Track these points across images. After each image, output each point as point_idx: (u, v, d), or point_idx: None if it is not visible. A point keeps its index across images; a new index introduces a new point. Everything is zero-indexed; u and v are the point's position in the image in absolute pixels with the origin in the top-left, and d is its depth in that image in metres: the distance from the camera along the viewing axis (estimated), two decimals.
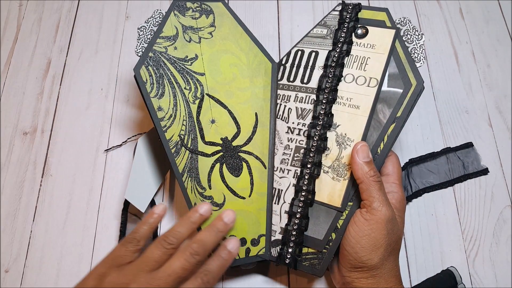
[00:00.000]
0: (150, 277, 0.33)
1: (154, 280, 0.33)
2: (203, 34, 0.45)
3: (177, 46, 0.44)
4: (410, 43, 0.43)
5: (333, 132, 0.41)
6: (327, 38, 0.44)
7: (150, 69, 0.43)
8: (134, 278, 0.33)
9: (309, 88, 0.44)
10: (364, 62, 0.42)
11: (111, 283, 0.33)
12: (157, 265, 0.34)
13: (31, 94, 0.55)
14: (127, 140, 0.51)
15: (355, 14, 0.44)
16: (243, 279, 0.45)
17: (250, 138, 0.44)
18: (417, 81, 0.40)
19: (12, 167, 0.51)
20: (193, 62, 0.44)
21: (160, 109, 0.42)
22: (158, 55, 0.43)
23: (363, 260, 0.37)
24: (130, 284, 0.32)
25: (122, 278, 0.33)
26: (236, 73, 0.45)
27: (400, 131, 0.40)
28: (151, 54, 0.43)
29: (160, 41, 0.44)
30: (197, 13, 0.46)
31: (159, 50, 0.44)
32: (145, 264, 0.34)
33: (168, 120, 0.42)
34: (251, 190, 0.43)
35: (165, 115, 0.42)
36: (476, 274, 0.45)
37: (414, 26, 0.44)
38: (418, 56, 0.42)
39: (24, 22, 0.60)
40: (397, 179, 0.41)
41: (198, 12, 0.46)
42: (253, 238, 0.41)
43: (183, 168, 0.41)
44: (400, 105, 0.40)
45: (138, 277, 0.33)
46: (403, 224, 0.40)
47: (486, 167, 0.50)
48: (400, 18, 0.44)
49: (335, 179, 0.40)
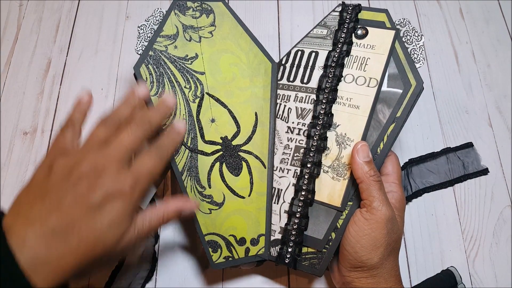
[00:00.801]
0: (100, 153, 0.32)
1: (104, 156, 0.32)
2: (203, 34, 0.45)
3: (177, 45, 0.44)
4: (409, 44, 0.43)
5: (333, 132, 0.41)
6: (327, 39, 0.45)
7: (150, 67, 0.43)
8: (83, 157, 0.32)
9: (309, 88, 0.44)
10: (364, 63, 0.42)
11: (61, 167, 0.31)
12: (104, 144, 0.33)
13: (31, 94, 0.55)
14: None
15: (355, 15, 0.44)
16: (242, 279, 0.45)
17: (250, 137, 0.44)
18: (416, 82, 0.40)
19: (12, 167, 0.51)
20: (193, 61, 0.44)
21: None
22: (158, 54, 0.43)
23: (363, 259, 0.37)
24: (80, 163, 0.31)
25: (71, 160, 0.32)
26: (236, 73, 0.45)
27: (399, 131, 0.40)
28: (151, 53, 0.43)
29: (160, 40, 0.44)
30: (198, 12, 0.46)
31: (159, 48, 0.44)
32: (92, 144, 0.33)
33: (167, 118, 0.42)
34: (250, 190, 0.43)
35: None
36: (476, 274, 0.45)
37: (414, 27, 0.44)
38: (417, 57, 0.43)
39: (24, 22, 0.60)
40: (396, 179, 0.41)
41: (198, 12, 0.46)
42: (252, 237, 0.41)
43: (182, 167, 0.41)
44: (400, 105, 0.40)
45: (88, 155, 0.32)
46: (403, 224, 0.40)
47: (486, 167, 0.50)
48: (400, 19, 0.45)
49: (335, 178, 0.40)
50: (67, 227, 0.29)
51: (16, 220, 0.29)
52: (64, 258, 0.29)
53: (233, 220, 0.41)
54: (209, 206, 0.41)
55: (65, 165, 0.32)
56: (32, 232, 0.29)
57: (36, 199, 0.30)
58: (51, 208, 0.30)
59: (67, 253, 0.29)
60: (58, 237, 0.29)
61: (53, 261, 0.29)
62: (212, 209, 0.41)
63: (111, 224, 0.31)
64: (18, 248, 0.28)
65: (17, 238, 0.28)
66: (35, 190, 0.31)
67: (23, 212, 0.30)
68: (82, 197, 0.30)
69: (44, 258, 0.28)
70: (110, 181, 0.31)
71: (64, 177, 0.31)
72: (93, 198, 0.30)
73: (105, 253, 0.31)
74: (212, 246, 0.41)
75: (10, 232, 0.29)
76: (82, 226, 0.30)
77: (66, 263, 0.29)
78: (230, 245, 0.41)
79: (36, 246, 0.28)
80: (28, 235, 0.29)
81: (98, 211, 0.30)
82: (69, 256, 0.29)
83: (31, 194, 0.31)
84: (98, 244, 0.30)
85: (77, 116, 0.36)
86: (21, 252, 0.28)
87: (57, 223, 0.29)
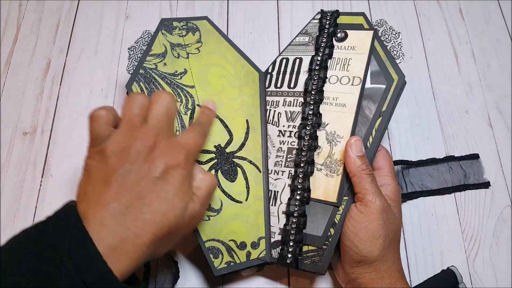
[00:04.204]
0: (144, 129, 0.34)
1: (149, 131, 0.34)
2: (190, 50, 0.47)
3: (166, 62, 0.46)
4: (388, 42, 0.46)
5: (323, 131, 0.43)
6: (309, 45, 0.47)
7: (141, 84, 0.44)
8: (131, 136, 0.33)
9: (296, 92, 0.45)
10: (347, 63, 0.44)
11: (114, 150, 0.32)
12: (144, 120, 0.34)
13: (31, 94, 0.55)
14: None
15: (334, 20, 0.46)
16: (243, 281, 0.45)
17: (243, 144, 0.45)
18: (398, 76, 0.42)
19: (12, 167, 0.51)
20: (183, 76, 0.46)
21: None
22: (149, 72, 0.45)
23: (364, 253, 0.37)
24: (131, 142, 0.32)
25: (120, 142, 0.33)
26: (224, 84, 0.46)
27: (387, 124, 0.42)
28: (142, 71, 0.45)
29: (149, 59, 0.46)
30: (184, 31, 0.48)
31: (149, 67, 0.45)
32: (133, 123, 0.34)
33: None
34: (247, 194, 0.43)
35: None
36: (476, 274, 0.45)
37: (391, 26, 0.46)
38: (397, 53, 0.45)
39: (24, 22, 0.60)
40: (389, 172, 0.42)
41: (184, 30, 0.48)
42: (253, 241, 0.42)
43: None
44: (385, 100, 0.42)
45: (134, 134, 0.33)
46: (401, 215, 0.41)
47: (488, 181, 0.49)
48: (377, 20, 0.47)
49: (328, 175, 0.41)
50: (139, 202, 0.30)
51: (88, 207, 0.30)
52: (141, 234, 0.30)
53: (232, 225, 0.42)
54: (208, 213, 0.42)
55: (117, 147, 0.32)
56: (108, 213, 0.29)
57: (101, 185, 0.31)
58: (119, 189, 0.31)
59: (144, 228, 0.30)
60: (133, 214, 0.30)
61: (132, 239, 0.29)
62: (210, 215, 0.42)
63: (176, 192, 0.32)
64: (96, 232, 0.28)
65: (94, 222, 0.29)
66: (97, 177, 0.32)
67: (93, 198, 0.30)
68: (145, 172, 0.32)
69: (124, 237, 0.29)
70: (165, 153, 0.33)
71: (121, 158, 0.32)
72: (155, 171, 0.32)
73: (176, 223, 0.32)
74: (213, 252, 0.41)
75: (86, 217, 0.29)
76: (152, 198, 0.31)
77: (144, 241, 0.30)
78: (231, 250, 0.41)
79: (114, 226, 0.29)
80: (104, 217, 0.29)
81: (163, 182, 0.32)
82: (146, 232, 0.30)
83: (94, 182, 0.31)
84: (169, 213, 0.31)
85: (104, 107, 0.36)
86: (99, 236, 0.28)
87: (129, 200, 0.30)
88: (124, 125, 0.34)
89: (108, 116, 0.34)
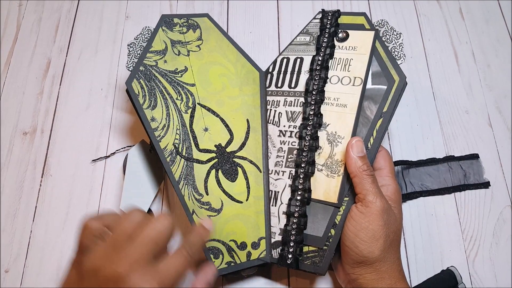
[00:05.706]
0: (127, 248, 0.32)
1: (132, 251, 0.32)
2: (191, 48, 0.47)
3: (166, 59, 0.46)
4: (389, 43, 0.45)
5: (324, 131, 0.43)
6: (310, 45, 0.46)
7: (141, 81, 0.44)
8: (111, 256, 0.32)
9: (297, 92, 0.45)
10: (348, 63, 0.44)
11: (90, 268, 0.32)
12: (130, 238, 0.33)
13: (31, 94, 0.55)
14: (115, 152, 0.51)
15: (335, 20, 0.46)
16: (243, 281, 0.45)
17: (244, 143, 0.45)
18: (399, 77, 0.42)
19: (12, 167, 0.51)
20: (183, 73, 0.46)
21: (153, 120, 0.43)
22: (149, 69, 0.45)
23: (364, 254, 0.37)
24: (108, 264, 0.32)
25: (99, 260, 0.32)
26: (225, 83, 0.46)
27: (388, 125, 0.42)
28: (142, 68, 0.45)
29: (150, 56, 0.45)
30: (184, 28, 0.48)
31: (149, 63, 0.45)
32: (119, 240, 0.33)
33: (161, 130, 0.43)
34: (248, 194, 0.43)
35: (159, 125, 0.43)
36: (476, 274, 0.45)
37: (392, 27, 0.46)
38: (398, 54, 0.45)
39: (24, 22, 0.60)
40: (389, 172, 0.42)
41: (185, 27, 0.48)
42: (253, 241, 0.42)
43: (179, 175, 0.42)
44: (386, 101, 0.42)
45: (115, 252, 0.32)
46: (401, 215, 0.41)
47: (488, 181, 0.49)
48: (378, 21, 0.46)
49: (329, 176, 0.41)
50: None
51: None
52: None
53: (232, 225, 0.42)
54: (208, 213, 0.42)
55: (92, 266, 0.32)
56: None
57: None
58: None
59: None
60: None
61: None
62: (211, 215, 0.42)
63: None
64: None
65: None
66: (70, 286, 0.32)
67: None
68: None
69: None
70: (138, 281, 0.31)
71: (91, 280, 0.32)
72: None
73: None
74: (213, 253, 0.41)
75: None
76: None
77: None
78: (231, 250, 0.41)
79: None
80: None
81: None
82: None
83: None
84: None
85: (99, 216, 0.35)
86: None
87: None
88: (110, 241, 0.33)
89: (97, 229, 0.34)
